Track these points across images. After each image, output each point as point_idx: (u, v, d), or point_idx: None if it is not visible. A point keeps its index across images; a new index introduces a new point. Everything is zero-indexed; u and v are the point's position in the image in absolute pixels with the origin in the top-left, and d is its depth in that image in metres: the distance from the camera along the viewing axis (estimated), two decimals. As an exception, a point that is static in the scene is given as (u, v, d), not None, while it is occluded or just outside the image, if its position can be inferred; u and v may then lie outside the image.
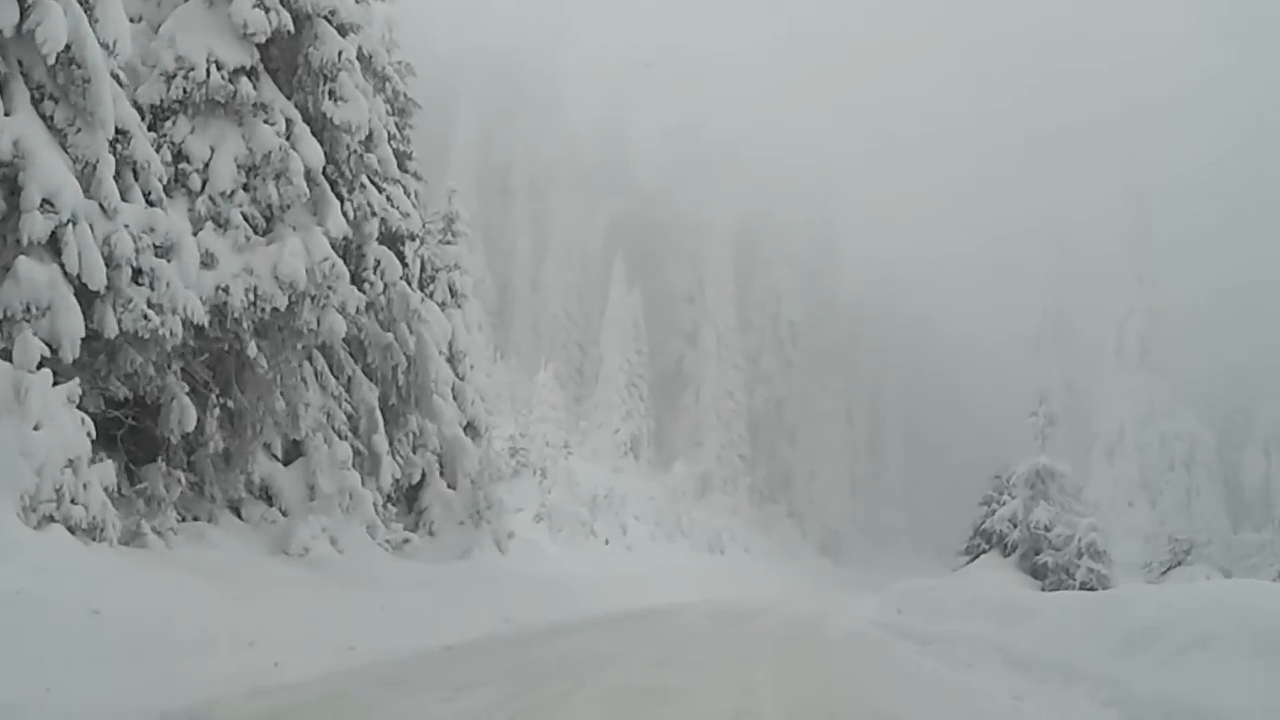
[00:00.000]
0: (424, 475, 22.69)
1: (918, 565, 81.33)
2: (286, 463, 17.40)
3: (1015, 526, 20.95)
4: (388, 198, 20.06)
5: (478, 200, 54.00)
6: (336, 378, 18.39)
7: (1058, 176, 57.51)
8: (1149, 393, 45.42)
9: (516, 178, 56.13)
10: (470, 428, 24.34)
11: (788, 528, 58.56)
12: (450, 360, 24.54)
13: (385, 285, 18.99)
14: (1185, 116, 57.24)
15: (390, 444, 20.73)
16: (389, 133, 21.09)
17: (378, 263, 18.92)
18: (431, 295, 24.66)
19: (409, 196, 22.09)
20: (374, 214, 18.00)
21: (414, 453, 22.48)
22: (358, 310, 16.12)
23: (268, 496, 16.89)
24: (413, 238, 20.67)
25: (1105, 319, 49.33)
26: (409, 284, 21.84)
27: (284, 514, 16.51)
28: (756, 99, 75.03)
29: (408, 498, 23.22)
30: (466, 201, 54.09)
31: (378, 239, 19.23)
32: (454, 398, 24.24)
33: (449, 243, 25.28)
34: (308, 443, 17.26)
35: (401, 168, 23.09)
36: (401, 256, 20.52)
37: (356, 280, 19.15)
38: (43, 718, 7.15)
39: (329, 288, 14.06)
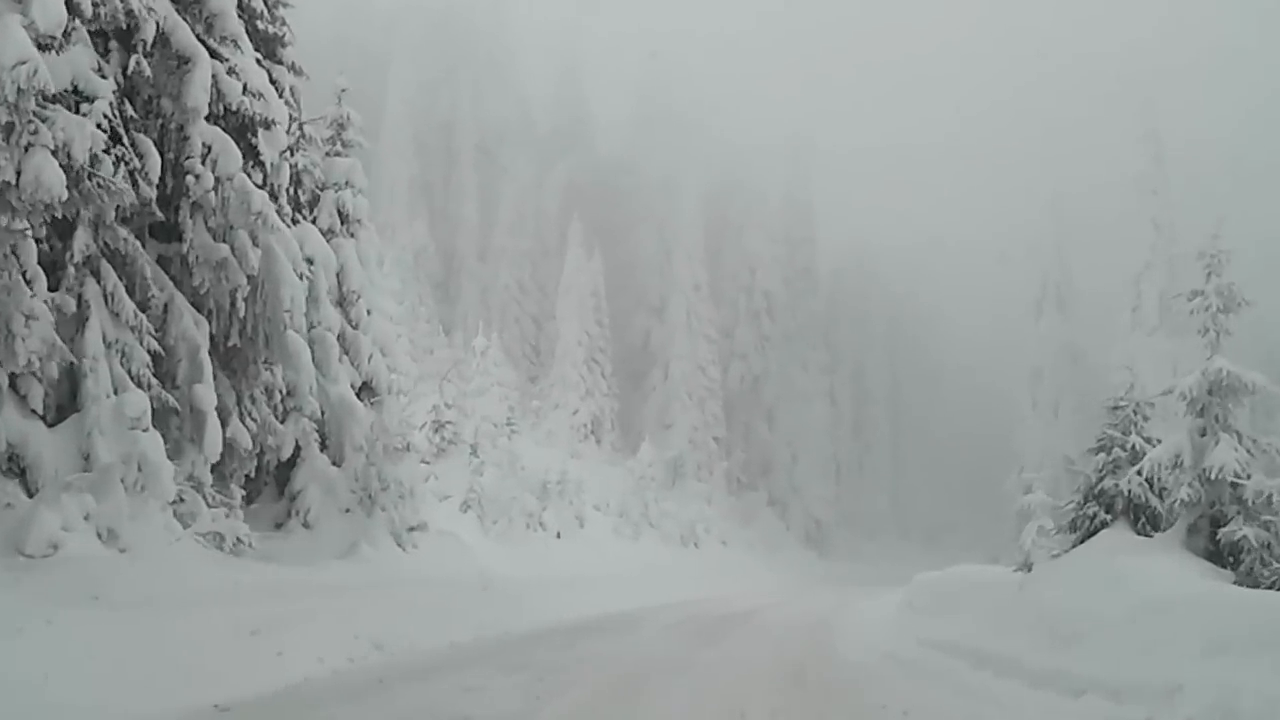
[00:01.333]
0: (298, 448, 17.31)
1: (907, 554, 76.26)
2: (54, 422, 12.01)
3: (1171, 480, 13.84)
4: (230, 69, 14.60)
5: (418, 162, 48.65)
6: (138, 301, 12.96)
7: (1054, 128, 52.53)
8: (1172, 355, 40.31)
9: (461, 138, 50.65)
10: (367, 389, 18.97)
11: (769, 517, 53.38)
12: (341, 303, 19.17)
13: (218, 181, 13.65)
14: (1206, 74, 52.48)
15: (238, 401, 15.34)
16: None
17: (207, 149, 13.62)
18: (313, 218, 19.26)
19: (275, 86, 16.71)
20: (181, 60, 12.62)
21: (282, 419, 17.09)
22: (130, 175, 10.76)
23: (21, 470, 11.49)
24: (269, 125, 15.18)
25: (1116, 275, 44.32)
26: (276, 198, 16.54)
27: (31, 494, 11.11)
28: (727, 60, 70.20)
29: (279, 478, 17.84)
30: (405, 163, 48.95)
31: (212, 119, 13.93)
32: (344, 351, 18.86)
33: (338, 154, 19.85)
34: (84, 392, 11.89)
35: (271, 54, 17.76)
36: (254, 152, 15.14)
37: (177, 173, 13.87)
38: None
39: (35, 116, 8.64)
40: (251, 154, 15.01)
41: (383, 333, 19.79)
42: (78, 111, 10.43)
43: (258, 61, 15.50)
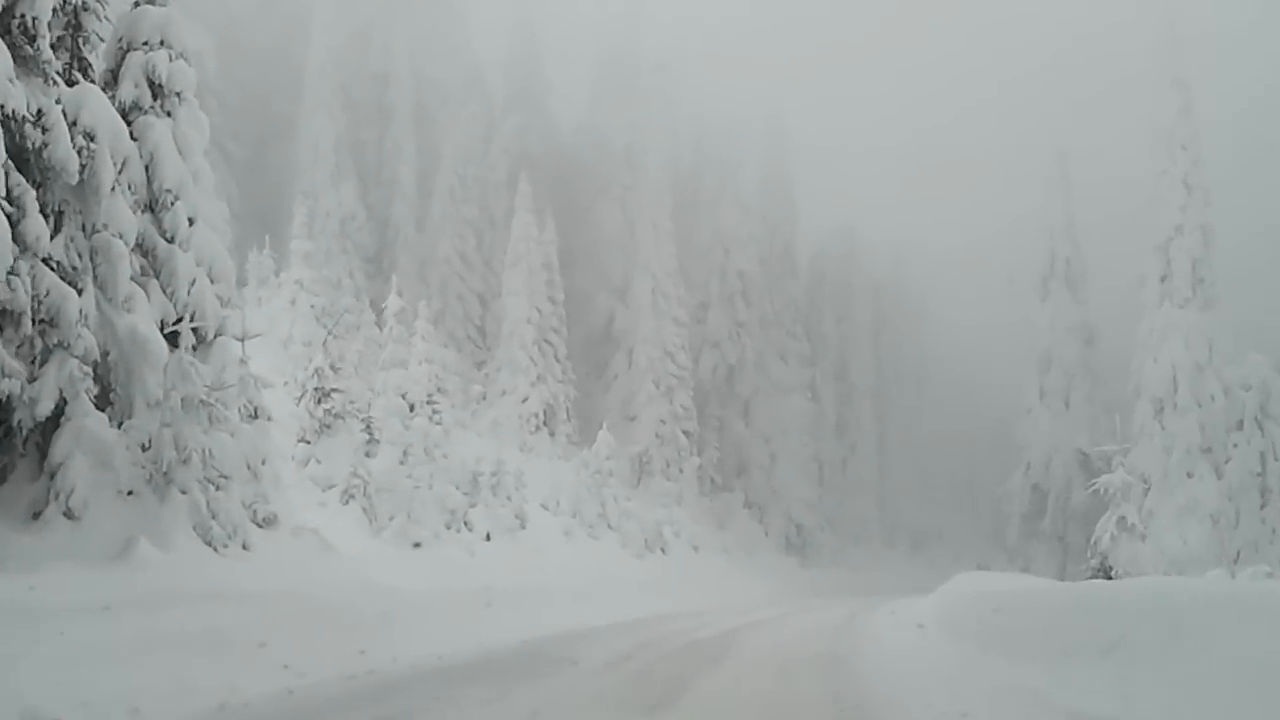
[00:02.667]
0: (63, 403, 11.74)
1: (894, 561, 71.19)
2: None
3: None
4: None
5: (346, 119, 43.02)
6: None
7: (1061, 95, 47.40)
8: (1206, 331, 35.24)
9: (397, 94, 45.01)
10: (187, 326, 13.38)
11: (745, 521, 47.97)
12: (151, 207, 13.57)
13: None
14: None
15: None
16: None
17: None
18: (113, 90, 13.69)
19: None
20: None
21: (39, 360, 11.55)
22: None
23: None
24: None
25: (1137, 245, 39.18)
26: (34, 39, 11.11)
27: None
28: (700, 28, 65.03)
29: (40, 445, 12.27)
30: (331, 118, 43.20)
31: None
32: (152, 271, 13.25)
33: (149, 2, 14.26)
34: None
35: None
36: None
37: None
38: None
39: None
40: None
41: (210, 252, 14.17)
42: None
43: None
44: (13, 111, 10.93)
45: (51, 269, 11.75)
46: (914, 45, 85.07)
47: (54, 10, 12.11)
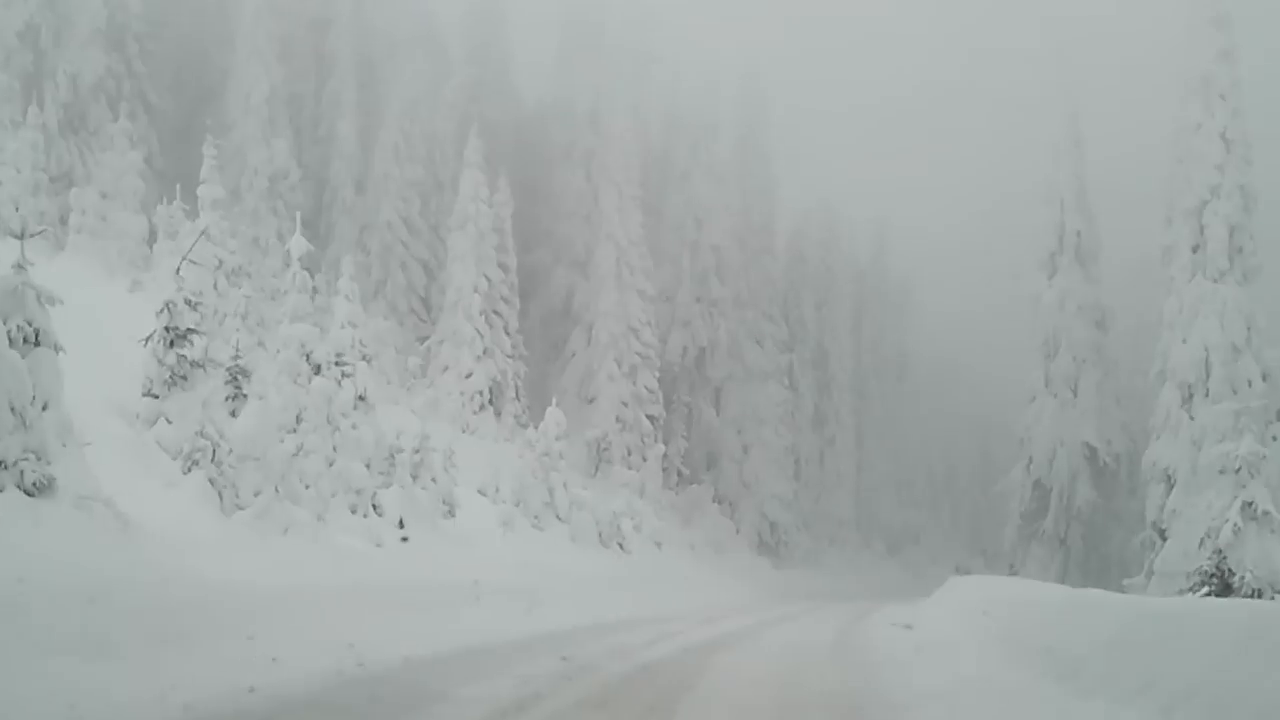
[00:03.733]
0: None
1: (873, 564, 67.17)
2: None
3: None
4: None
5: (281, 69, 38.63)
6: None
7: (1064, 43, 43.39)
8: (1244, 308, 31.27)
9: (339, 42, 40.61)
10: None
11: (714, 516, 43.82)
12: None
13: None
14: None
15: None
16: None
17: None
18: None
19: None
20: None
21: None
22: None
23: None
24: None
25: (1160, 216, 35.30)
26: None
27: None
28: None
29: None
30: (265, 67, 38.66)
31: None
32: None
33: None
34: None
35: None
36: None
37: None
38: None
39: None
40: None
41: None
42: None
43: None
44: None
45: None
46: (902, 8, 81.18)
47: None
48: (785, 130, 55.34)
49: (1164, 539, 31.41)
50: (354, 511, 17.14)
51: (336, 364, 19.01)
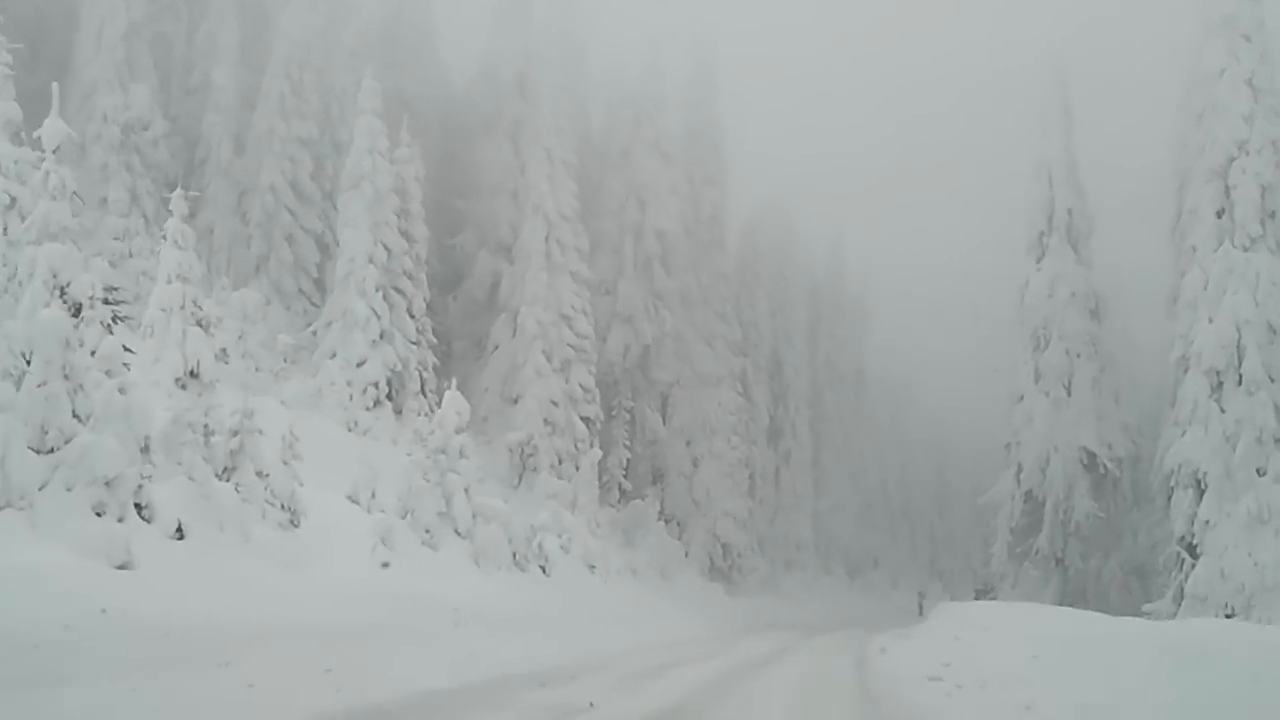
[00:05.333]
0: None
1: (834, 590, 61.75)
2: None
3: None
4: None
5: (145, 7, 32.63)
6: None
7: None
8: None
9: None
10: None
11: (661, 537, 38.06)
12: None
13: None
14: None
15: None
16: None
17: None
18: None
19: None
20: None
21: None
22: None
23: None
24: None
25: (1168, 186, 30.41)
26: None
27: None
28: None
29: None
30: (126, 1, 32.48)
31: None
32: None
33: None
34: None
35: None
36: None
37: None
38: None
39: None
40: None
41: None
42: None
43: None
44: None
45: None
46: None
47: None
48: (735, 122, 50.12)
49: (1195, 556, 26.19)
50: (101, 513, 11.28)
51: (106, 301, 13.16)
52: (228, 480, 14.50)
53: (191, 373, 18.98)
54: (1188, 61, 31.95)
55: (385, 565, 17.45)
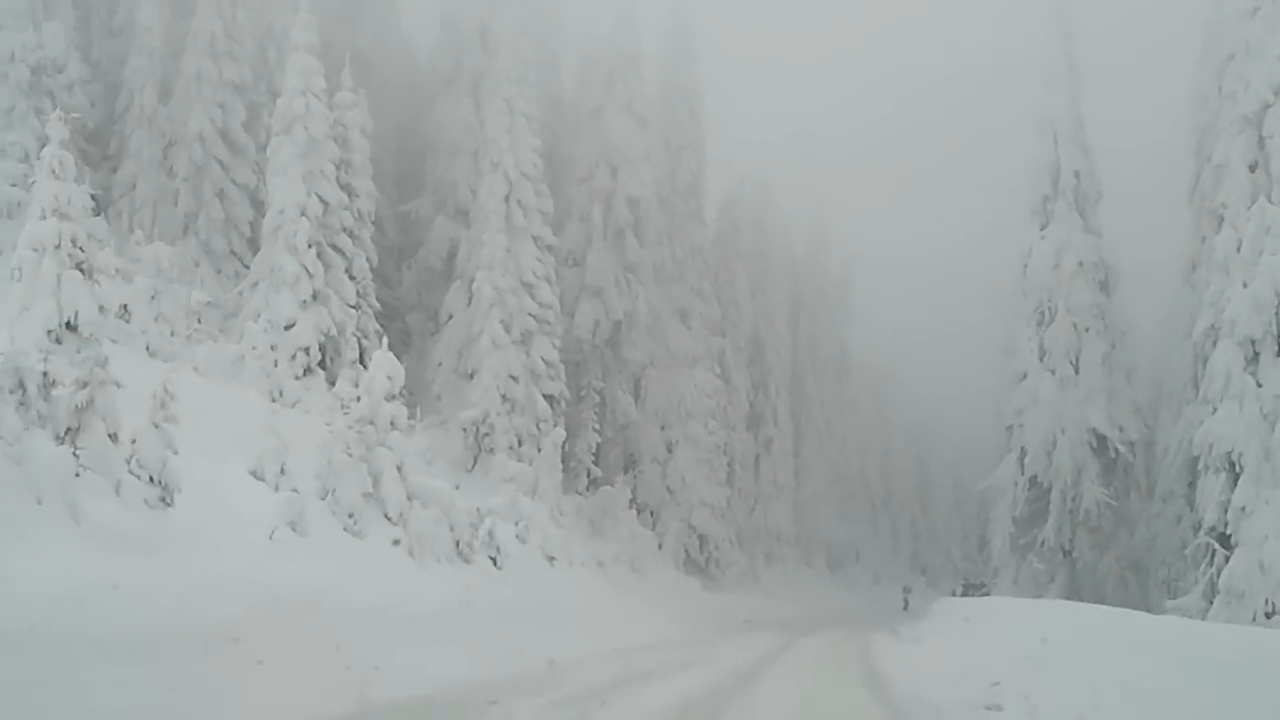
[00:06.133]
0: None
1: (816, 585, 58.85)
2: None
3: None
4: None
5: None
6: None
7: None
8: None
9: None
10: None
11: (632, 526, 34.99)
12: None
13: None
14: None
15: None
16: None
17: None
18: None
19: None
20: None
21: None
22: None
23: None
24: None
25: (1183, 147, 27.66)
26: None
27: None
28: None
29: None
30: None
31: None
32: None
33: None
34: None
35: None
36: None
37: None
38: None
39: None
40: None
41: None
42: None
43: None
44: None
45: None
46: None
47: None
48: (713, 96, 46.98)
49: (1228, 546, 23.28)
50: None
51: None
52: (68, 443, 11.35)
53: (69, 324, 15.89)
54: (1206, 11, 29.39)
55: (284, 554, 14.32)
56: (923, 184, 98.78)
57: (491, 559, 21.63)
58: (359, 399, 18.32)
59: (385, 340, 20.06)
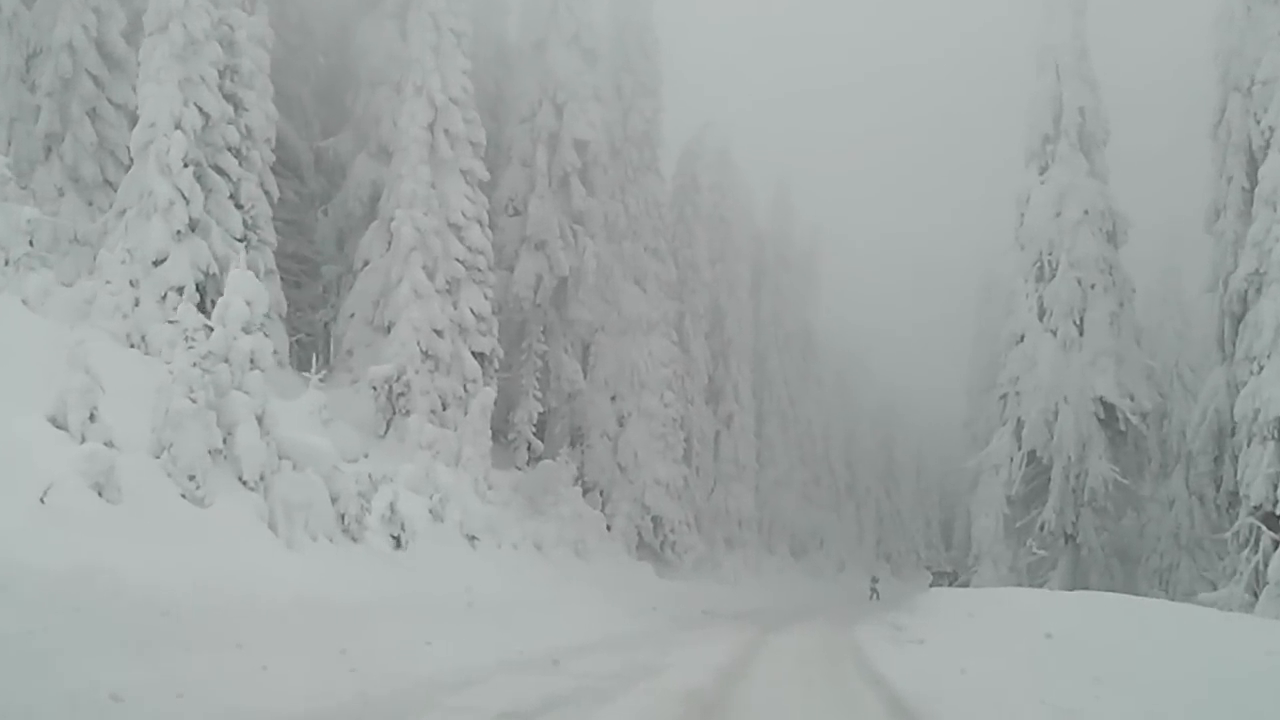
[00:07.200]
0: None
1: (780, 572, 55.14)
2: None
3: None
4: None
5: None
6: None
7: None
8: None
9: None
10: None
11: (577, 505, 31.04)
12: None
13: None
14: None
15: None
16: None
17: None
18: None
19: None
20: None
21: None
22: None
23: None
24: None
25: (1206, 76, 24.06)
26: None
27: None
28: None
29: None
30: None
31: None
32: None
33: None
34: None
35: None
36: None
37: None
38: None
39: None
40: None
41: None
42: None
43: None
44: None
45: None
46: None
47: None
48: (671, 51, 42.90)
49: (1278, 529, 19.57)
50: None
51: None
52: None
53: None
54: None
55: (64, 523, 10.20)
56: (894, 163, 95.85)
57: (395, 538, 17.60)
58: (209, 331, 14.14)
59: (243, 257, 15.77)
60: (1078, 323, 27.99)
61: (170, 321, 15.55)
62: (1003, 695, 8.98)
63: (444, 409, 25.65)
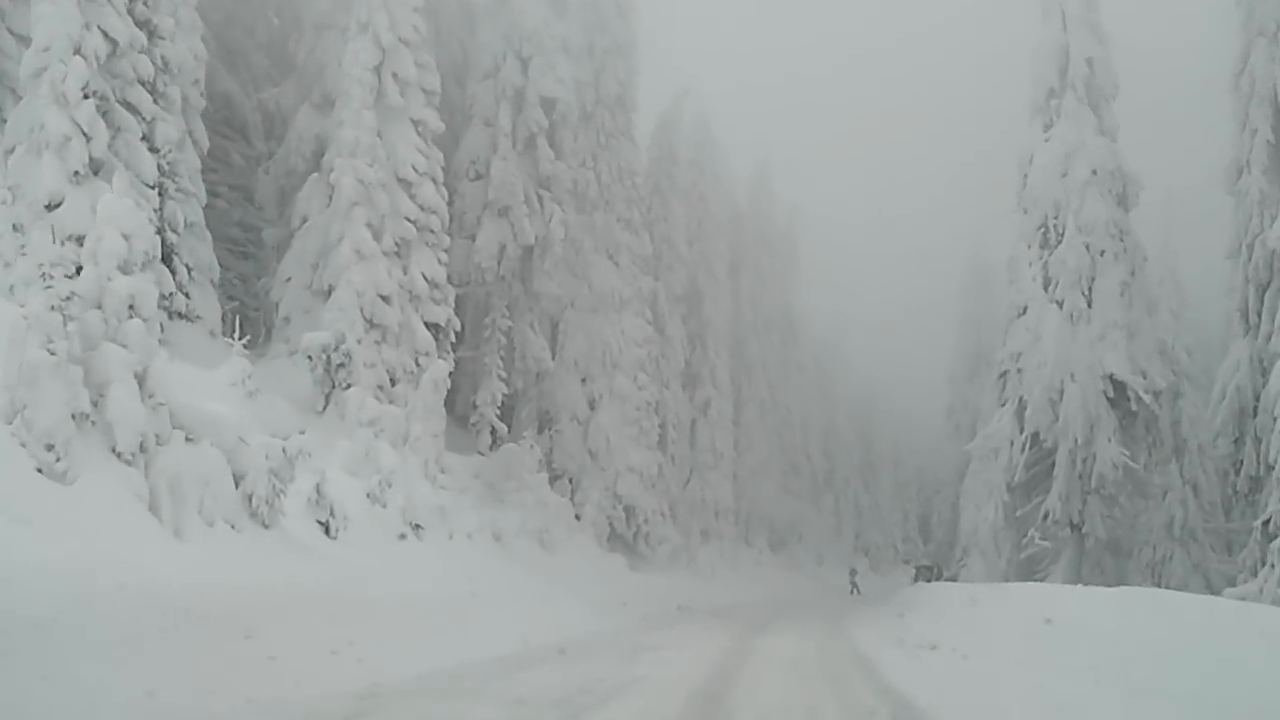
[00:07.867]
0: None
1: (759, 566, 52.82)
2: None
3: None
4: None
5: None
6: None
7: None
8: None
9: None
10: None
11: (543, 493, 28.55)
12: None
13: None
14: None
15: None
16: None
17: None
18: None
19: None
20: None
21: None
22: None
23: None
24: None
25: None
26: None
27: None
28: None
29: None
30: None
31: None
32: None
33: None
34: None
35: None
36: None
37: None
38: None
39: None
40: None
41: None
42: None
43: None
44: None
45: None
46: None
47: None
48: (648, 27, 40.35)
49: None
50: None
51: None
52: None
53: None
54: None
55: None
56: (876, 147, 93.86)
57: (322, 525, 15.06)
58: (77, 270, 11.54)
59: (115, 182, 13.11)
60: (1086, 293, 25.63)
61: (23, 255, 12.86)
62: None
63: (393, 384, 23.08)
